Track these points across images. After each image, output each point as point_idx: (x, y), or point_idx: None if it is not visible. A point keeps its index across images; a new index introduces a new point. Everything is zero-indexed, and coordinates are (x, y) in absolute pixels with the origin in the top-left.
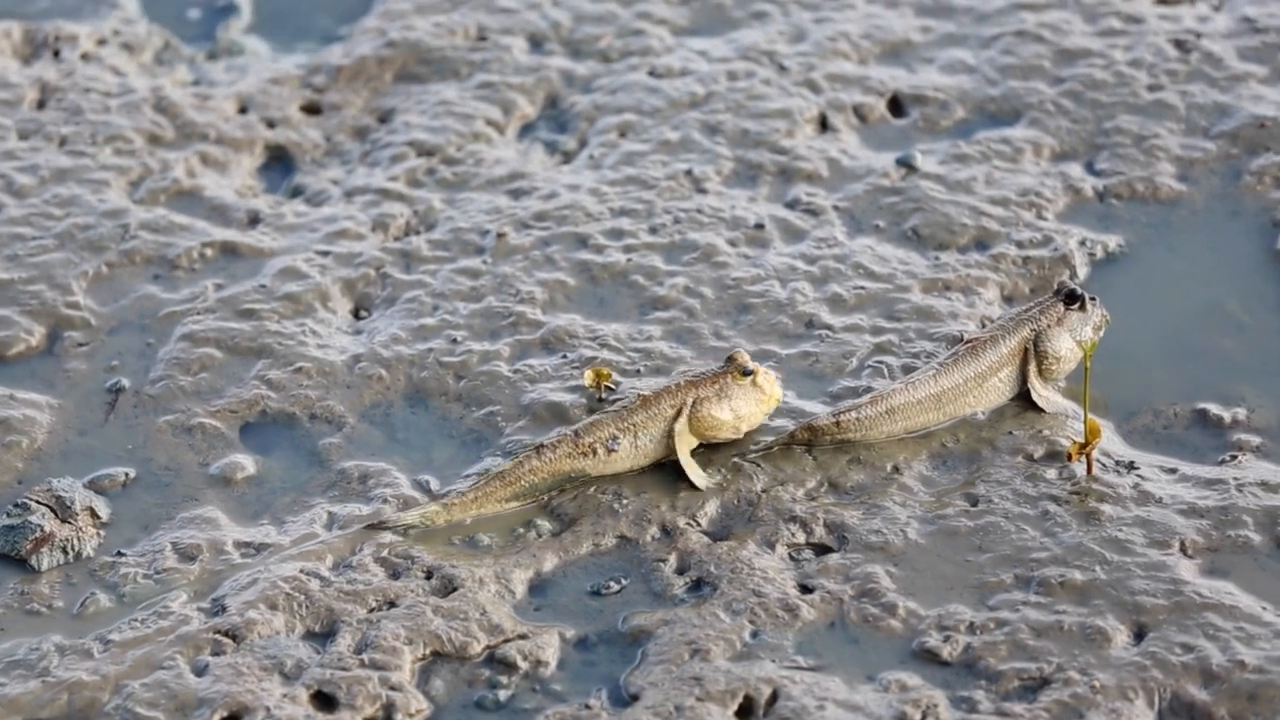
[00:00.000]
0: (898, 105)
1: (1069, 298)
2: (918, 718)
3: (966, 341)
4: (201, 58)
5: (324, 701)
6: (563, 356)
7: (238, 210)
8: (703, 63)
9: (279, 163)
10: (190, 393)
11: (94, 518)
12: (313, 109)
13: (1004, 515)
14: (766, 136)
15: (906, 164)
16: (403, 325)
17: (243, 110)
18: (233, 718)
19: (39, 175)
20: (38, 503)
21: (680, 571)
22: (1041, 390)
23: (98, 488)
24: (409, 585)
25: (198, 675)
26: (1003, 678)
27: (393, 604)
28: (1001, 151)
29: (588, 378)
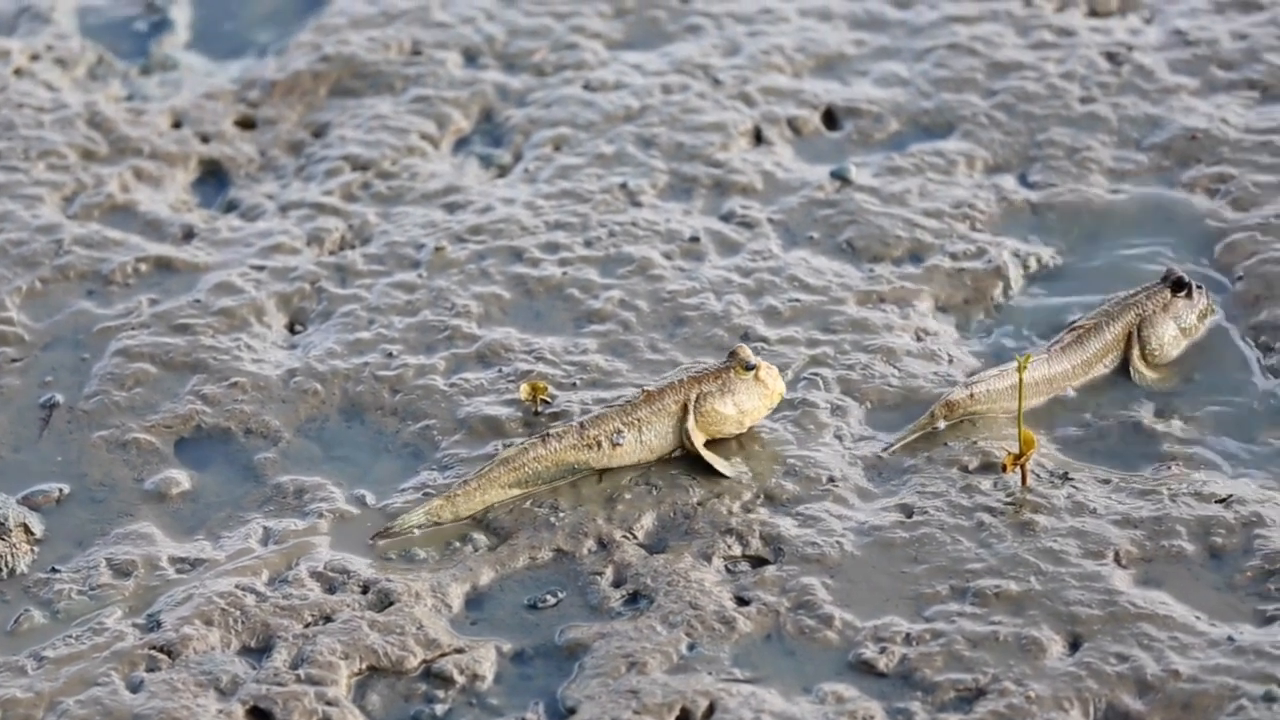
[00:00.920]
0: (832, 118)
1: (1176, 285)
2: None
3: (1073, 327)
4: (135, 73)
5: (260, 717)
6: (499, 370)
7: (172, 225)
8: (637, 76)
9: (213, 177)
10: (125, 408)
11: (28, 534)
12: (247, 123)
13: (939, 526)
14: (701, 150)
15: (841, 177)
16: (338, 339)
17: (177, 125)
18: None
19: None
20: None
21: (617, 584)
22: (1145, 371)
23: (32, 504)
24: (345, 600)
25: (133, 692)
26: (939, 689)
27: (329, 619)
28: (935, 164)
29: (523, 391)
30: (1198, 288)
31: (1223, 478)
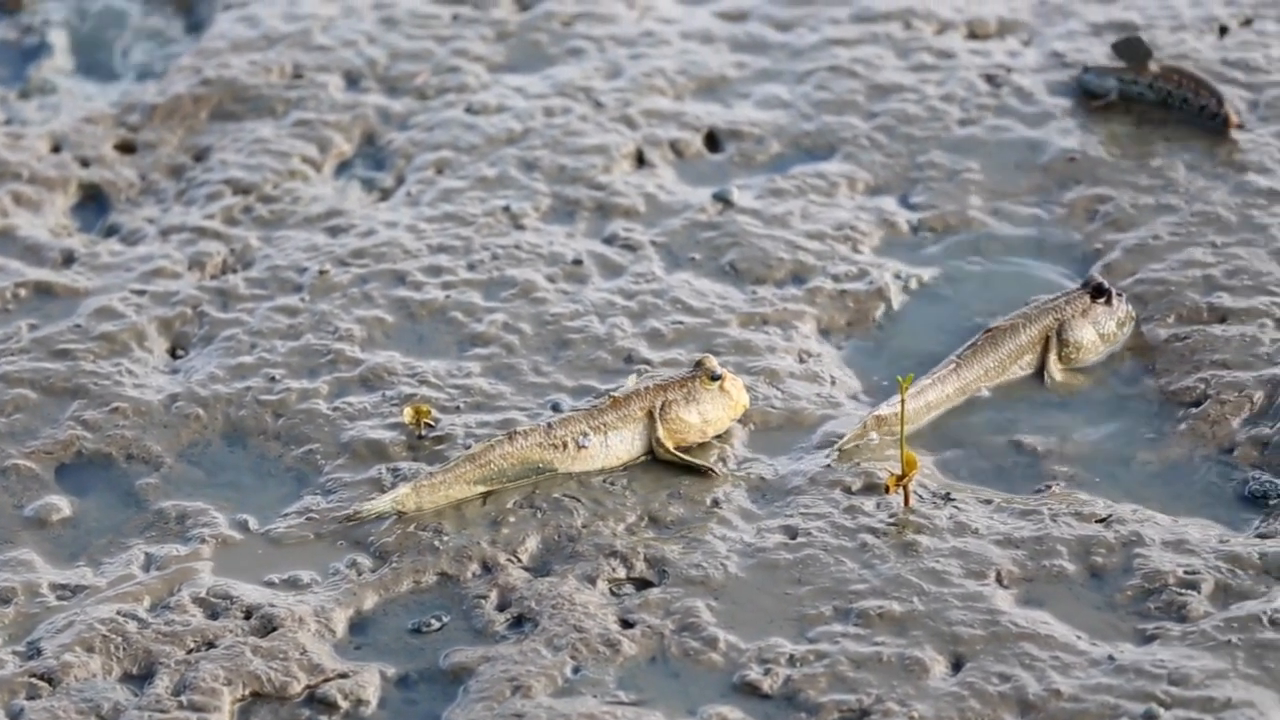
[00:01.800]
0: (714, 140)
1: (1096, 291)
2: None
3: (989, 329)
4: (13, 96)
5: None
6: (382, 394)
7: (52, 250)
8: (519, 99)
9: (93, 202)
10: (4, 434)
11: None
12: (127, 147)
13: (823, 547)
14: (584, 172)
15: (723, 199)
16: (220, 364)
17: (56, 149)
18: None
19: None
20: None
21: (501, 608)
22: (1058, 376)
23: None
24: (228, 625)
25: None
26: (823, 709)
27: (211, 644)
28: (817, 186)
29: (407, 414)
30: (1118, 295)
31: (1102, 498)
